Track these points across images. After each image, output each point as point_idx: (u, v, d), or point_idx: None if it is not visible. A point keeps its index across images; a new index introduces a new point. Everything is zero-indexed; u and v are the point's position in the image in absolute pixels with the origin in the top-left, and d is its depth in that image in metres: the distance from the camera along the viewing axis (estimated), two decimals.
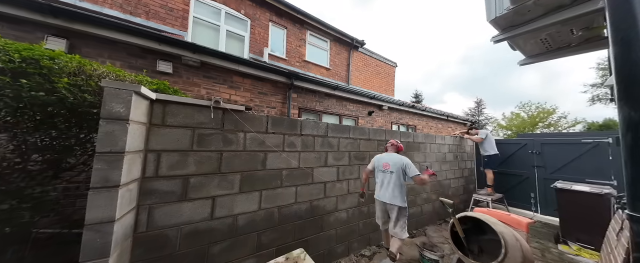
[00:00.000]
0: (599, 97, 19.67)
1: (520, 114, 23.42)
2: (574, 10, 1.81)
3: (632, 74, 0.95)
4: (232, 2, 6.63)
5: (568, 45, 2.36)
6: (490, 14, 2.16)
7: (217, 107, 2.04)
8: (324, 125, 2.90)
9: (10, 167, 1.68)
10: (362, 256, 3.09)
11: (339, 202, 2.98)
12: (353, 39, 9.51)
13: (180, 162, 1.86)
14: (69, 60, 1.72)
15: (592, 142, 4.55)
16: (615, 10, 1.01)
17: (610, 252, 2.30)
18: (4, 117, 1.59)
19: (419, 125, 8.59)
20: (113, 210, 1.38)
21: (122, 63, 3.33)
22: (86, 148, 2.02)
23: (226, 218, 2.07)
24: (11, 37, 2.63)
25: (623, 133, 0.97)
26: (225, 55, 4.18)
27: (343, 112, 6.19)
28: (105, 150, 1.39)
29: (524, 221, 2.55)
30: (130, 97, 1.47)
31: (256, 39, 7.08)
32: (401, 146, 3.02)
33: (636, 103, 0.93)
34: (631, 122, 0.93)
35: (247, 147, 2.23)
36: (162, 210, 1.76)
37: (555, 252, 3.48)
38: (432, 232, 4.00)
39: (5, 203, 1.62)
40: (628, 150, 0.95)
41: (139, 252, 1.66)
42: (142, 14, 5.23)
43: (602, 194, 3.39)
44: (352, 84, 9.61)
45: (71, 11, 2.94)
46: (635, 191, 0.94)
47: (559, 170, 4.90)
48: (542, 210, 5.08)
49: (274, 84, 4.95)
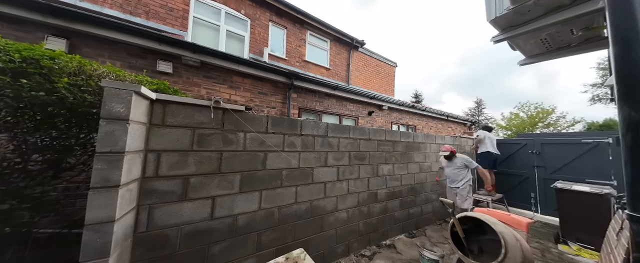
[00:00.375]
0: (599, 97, 19.69)
1: (519, 114, 23.43)
2: (574, 10, 1.81)
3: (632, 74, 0.95)
4: (232, 2, 6.63)
5: (568, 45, 2.36)
6: (490, 14, 2.16)
7: (217, 107, 2.04)
8: (324, 125, 2.90)
9: (10, 167, 1.68)
10: (362, 256, 3.09)
11: (339, 202, 2.98)
12: (353, 39, 9.51)
13: (181, 162, 1.86)
14: (69, 60, 1.72)
15: (592, 142, 4.55)
16: (615, 10, 1.01)
17: (610, 252, 2.30)
18: (4, 117, 1.59)
19: (419, 125, 8.59)
20: (113, 210, 1.38)
21: (122, 63, 3.34)
22: (86, 148, 2.02)
23: (226, 218, 2.07)
24: (11, 37, 2.63)
25: (623, 134, 0.97)
26: (225, 55, 4.18)
27: (343, 112, 6.20)
28: (105, 150, 1.39)
29: (524, 221, 2.55)
30: (130, 97, 1.47)
31: (256, 39, 7.09)
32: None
33: (636, 103, 0.93)
34: (631, 122, 0.94)
35: (247, 147, 2.23)
36: (162, 210, 1.76)
37: (555, 252, 3.48)
38: (432, 232, 4.00)
39: (5, 203, 1.62)
40: (628, 150, 0.95)
41: (139, 252, 1.66)
42: (142, 14, 5.23)
43: (602, 194, 3.39)
44: (352, 84, 9.61)
45: (71, 11, 2.94)
46: (635, 191, 0.94)
47: (559, 170, 4.90)
48: (542, 210, 5.08)
49: (274, 84, 4.95)
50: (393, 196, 3.68)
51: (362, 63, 10.57)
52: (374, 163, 3.44)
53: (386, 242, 3.48)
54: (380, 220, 3.47)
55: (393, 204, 3.66)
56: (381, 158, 3.54)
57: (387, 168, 3.62)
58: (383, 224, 3.51)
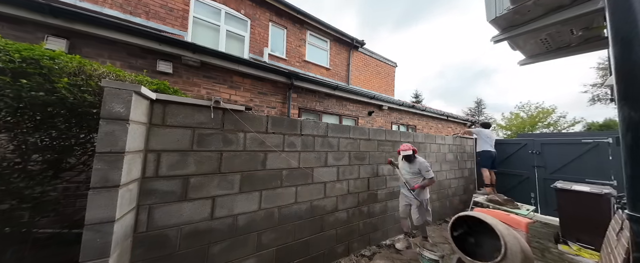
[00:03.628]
0: (599, 97, 19.68)
1: (519, 114, 23.43)
2: (574, 10, 1.81)
3: (632, 74, 0.95)
4: (232, 2, 6.63)
5: (568, 45, 2.37)
6: (490, 14, 2.16)
7: (217, 107, 2.04)
8: (324, 125, 2.90)
9: (10, 167, 1.68)
10: (362, 256, 3.09)
11: (339, 202, 2.97)
12: (353, 39, 9.51)
13: (180, 162, 1.86)
14: (69, 60, 1.72)
15: (592, 142, 4.55)
16: (615, 10, 1.01)
17: (610, 252, 2.30)
18: (4, 117, 1.59)
19: (419, 125, 8.59)
20: (113, 210, 1.38)
21: (122, 63, 3.33)
22: (86, 148, 2.02)
23: (226, 218, 2.07)
24: (11, 37, 2.63)
25: (623, 134, 0.97)
26: (225, 55, 4.18)
27: (343, 112, 6.19)
28: (105, 150, 1.39)
29: (524, 221, 2.56)
30: (131, 97, 1.47)
31: (256, 39, 7.08)
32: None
33: (636, 103, 0.93)
34: (631, 122, 0.94)
35: (247, 147, 2.23)
36: (162, 210, 1.76)
37: (555, 252, 3.48)
38: (432, 232, 4.00)
39: (5, 203, 1.62)
40: (628, 150, 0.95)
41: (139, 252, 1.66)
42: (142, 14, 5.23)
43: (602, 194, 3.39)
44: (352, 84, 9.60)
45: (71, 11, 2.94)
46: (635, 191, 0.94)
47: (559, 170, 4.90)
48: (542, 210, 5.08)
49: (274, 84, 4.95)
50: (393, 196, 3.68)
51: (362, 63, 10.57)
52: (374, 163, 3.44)
53: (386, 242, 3.48)
54: (380, 220, 3.47)
55: (393, 204, 3.66)
56: (381, 158, 3.54)
57: (387, 168, 3.62)
58: (383, 224, 3.51)
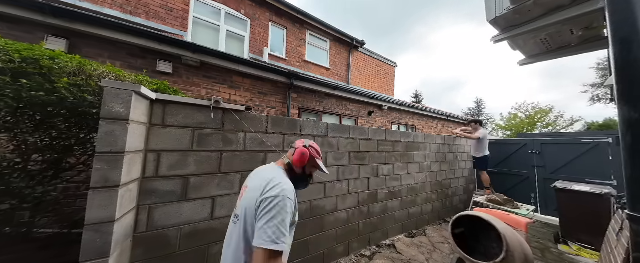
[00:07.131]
0: (599, 97, 19.71)
1: (517, 114, 23.48)
2: (574, 11, 1.81)
3: (632, 74, 0.95)
4: (232, 2, 6.63)
5: (568, 45, 2.36)
6: (490, 14, 2.16)
7: (217, 107, 2.04)
8: (324, 125, 2.90)
9: (10, 167, 1.68)
10: (362, 256, 3.09)
11: (339, 202, 2.97)
12: (353, 39, 9.52)
13: (181, 162, 1.86)
14: (69, 60, 1.72)
15: (592, 142, 4.55)
16: (615, 10, 1.01)
17: (610, 252, 2.30)
18: (4, 117, 1.59)
19: (419, 125, 8.59)
20: (113, 210, 1.38)
21: (122, 63, 3.34)
22: (86, 148, 2.02)
23: (226, 219, 2.07)
24: (11, 37, 2.63)
25: (623, 134, 0.97)
26: (225, 55, 4.18)
27: (343, 112, 6.19)
28: (105, 150, 1.39)
29: (524, 221, 2.56)
30: (130, 97, 1.47)
31: (256, 39, 7.09)
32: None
33: (636, 103, 0.93)
34: (631, 122, 0.94)
35: (247, 147, 2.23)
36: (162, 210, 1.76)
37: (555, 252, 3.48)
38: (432, 232, 4.00)
39: (5, 203, 1.62)
40: (628, 150, 0.95)
41: (139, 252, 1.66)
42: (142, 14, 5.23)
43: (602, 194, 3.39)
44: (352, 84, 9.61)
45: (71, 11, 2.94)
46: (635, 191, 0.94)
47: (559, 170, 4.90)
48: (542, 210, 5.08)
49: (274, 84, 4.95)
50: (393, 196, 3.68)
51: (362, 63, 10.57)
52: (374, 163, 3.44)
53: (386, 242, 3.48)
54: (380, 220, 3.47)
55: (393, 204, 3.66)
56: (381, 158, 3.54)
57: (387, 168, 3.62)
58: (383, 224, 3.51)
